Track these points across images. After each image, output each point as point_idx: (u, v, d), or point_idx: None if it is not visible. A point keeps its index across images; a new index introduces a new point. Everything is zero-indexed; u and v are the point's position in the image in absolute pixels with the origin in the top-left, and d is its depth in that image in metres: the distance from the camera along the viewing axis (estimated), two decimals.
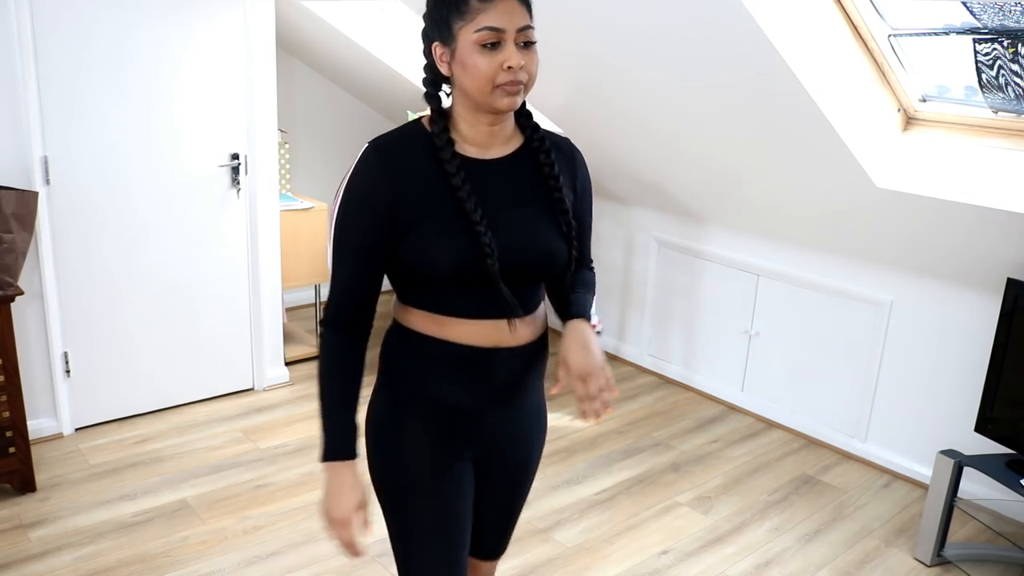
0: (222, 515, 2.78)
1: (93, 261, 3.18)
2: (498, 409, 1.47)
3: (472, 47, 1.28)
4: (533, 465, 1.61)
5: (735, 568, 2.64)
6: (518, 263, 1.37)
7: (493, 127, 1.38)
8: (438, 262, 1.32)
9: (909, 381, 3.19)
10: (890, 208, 2.89)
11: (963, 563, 2.67)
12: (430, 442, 1.44)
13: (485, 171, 1.38)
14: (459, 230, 1.32)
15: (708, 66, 2.73)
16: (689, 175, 3.54)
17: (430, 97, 1.38)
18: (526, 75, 1.31)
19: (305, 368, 4.00)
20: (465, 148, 1.38)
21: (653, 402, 3.86)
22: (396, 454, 1.46)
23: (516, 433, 1.53)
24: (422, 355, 1.41)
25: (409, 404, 1.45)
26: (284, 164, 4.05)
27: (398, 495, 1.47)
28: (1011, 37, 2.41)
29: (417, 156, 1.35)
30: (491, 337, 1.40)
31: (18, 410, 2.75)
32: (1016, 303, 2.58)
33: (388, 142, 1.37)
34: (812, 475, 3.24)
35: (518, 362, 1.45)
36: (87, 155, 3.08)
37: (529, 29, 1.31)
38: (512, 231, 1.36)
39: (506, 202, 1.38)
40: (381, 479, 1.48)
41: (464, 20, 1.28)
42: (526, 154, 1.43)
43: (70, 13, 2.93)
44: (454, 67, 1.32)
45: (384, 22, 3.78)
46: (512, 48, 1.29)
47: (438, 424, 1.44)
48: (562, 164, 1.46)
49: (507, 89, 1.30)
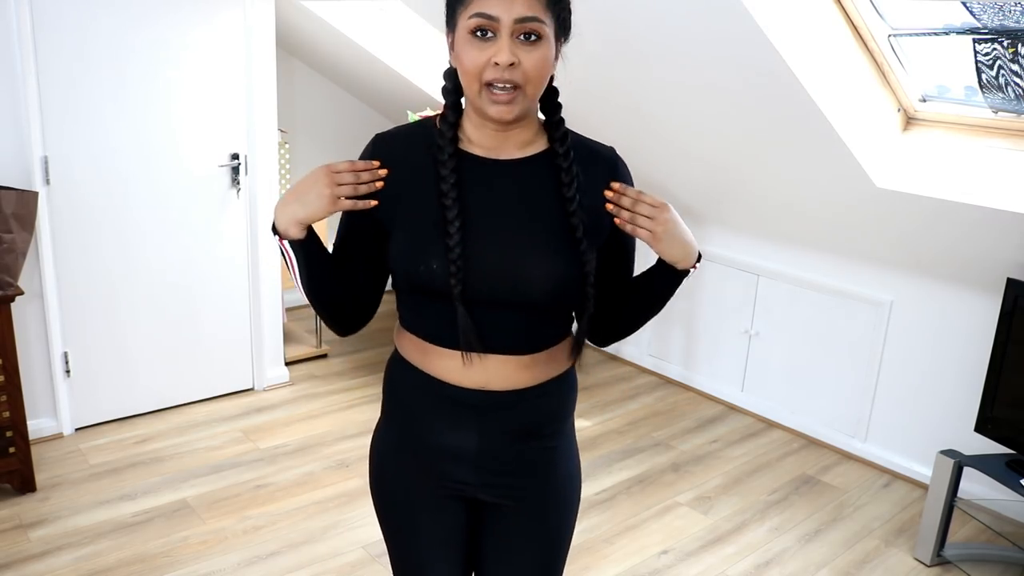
0: (222, 515, 2.78)
1: (93, 261, 3.18)
2: (496, 455, 1.30)
3: (465, 36, 1.14)
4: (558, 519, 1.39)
5: (735, 568, 2.64)
6: (492, 286, 1.20)
7: (503, 132, 1.22)
8: (408, 269, 1.21)
9: (909, 381, 3.19)
10: (890, 208, 2.89)
11: (963, 563, 2.66)
12: (421, 485, 1.35)
13: (492, 173, 1.23)
14: (436, 238, 1.18)
15: (708, 66, 2.73)
16: (689, 175, 3.54)
17: (445, 91, 1.25)
18: (521, 76, 1.13)
19: (305, 368, 4.00)
20: (471, 148, 1.24)
21: (653, 402, 3.86)
22: (390, 491, 1.39)
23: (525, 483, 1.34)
24: (414, 389, 1.31)
25: (405, 441, 1.35)
26: (284, 164, 4.05)
27: (389, 532, 1.43)
28: (1011, 37, 2.41)
29: (417, 152, 1.24)
30: (475, 376, 1.24)
31: (18, 410, 2.75)
32: (1016, 303, 2.58)
33: (392, 135, 1.29)
34: (812, 475, 3.24)
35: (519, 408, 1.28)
36: (87, 155, 3.08)
37: (534, 22, 1.12)
38: (497, 246, 1.20)
39: (505, 211, 1.22)
40: (378, 509, 1.44)
41: (463, 4, 1.14)
42: (546, 159, 1.25)
43: (70, 13, 2.93)
44: (453, 58, 1.19)
45: (384, 22, 3.78)
46: (505, 41, 1.11)
47: (429, 466, 1.33)
48: (596, 176, 1.26)
49: (495, 96, 1.14)
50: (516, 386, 1.27)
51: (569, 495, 1.41)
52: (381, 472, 1.41)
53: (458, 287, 1.18)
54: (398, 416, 1.36)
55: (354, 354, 4.19)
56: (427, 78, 3.99)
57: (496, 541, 1.39)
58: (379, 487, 1.42)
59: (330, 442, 3.32)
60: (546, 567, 1.42)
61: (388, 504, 1.41)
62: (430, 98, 4.03)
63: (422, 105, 4.07)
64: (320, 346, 4.17)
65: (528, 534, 1.38)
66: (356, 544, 2.66)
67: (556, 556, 1.42)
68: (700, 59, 2.71)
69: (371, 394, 3.76)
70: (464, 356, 1.23)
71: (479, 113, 1.20)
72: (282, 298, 3.82)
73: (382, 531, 1.45)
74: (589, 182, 1.25)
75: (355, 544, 2.66)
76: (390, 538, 1.43)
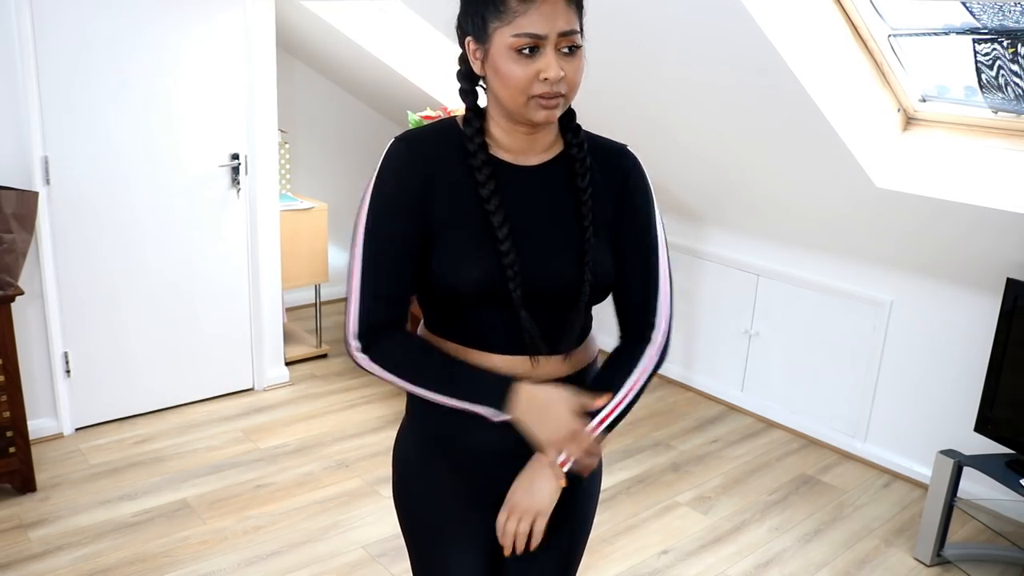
0: (222, 515, 2.79)
1: (93, 261, 3.18)
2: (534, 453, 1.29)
3: (507, 52, 1.14)
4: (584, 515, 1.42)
5: (735, 568, 2.64)
6: (547, 287, 1.23)
7: (533, 134, 1.24)
8: (460, 281, 1.20)
9: (909, 381, 3.19)
10: (890, 208, 2.89)
11: (963, 563, 2.67)
12: (450, 489, 1.33)
13: (519, 179, 1.24)
14: (485, 247, 1.19)
15: (708, 65, 2.73)
16: (689, 175, 3.54)
17: (465, 94, 1.25)
18: (565, 86, 1.16)
19: (305, 368, 4.00)
20: (499, 152, 1.24)
21: (653, 402, 3.86)
22: (416, 496, 1.37)
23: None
24: None
25: (434, 446, 1.33)
26: (284, 164, 4.05)
27: (413, 538, 1.41)
28: (1011, 37, 2.41)
29: (449, 157, 1.23)
30: (518, 373, 1.24)
31: (18, 410, 2.75)
32: (1016, 303, 2.58)
33: (418, 138, 1.24)
34: (812, 475, 3.24)
35: None
36: (87, 155, 3.08)
37: (574, 34, 1.15)
38: (540, 250, 1.22)
39: (537, 216, 1.24)
40: (401, 515, 1.41)
41: (501, 21, 1.14)
42: (564, 162, 1.28)
43: (70, 13, 2.93)
44: (487, 68, 1.18)
45: (384, 22, 3.78)
46: (551, 56, 1.14)
47: (463, 470, 1.32)
48: (610, 175, 1.30)
49: (543, 103, 1.16)
50: (555, 376, 1.28)
51: (594, 492, 1.44)
52: (405, 476, 1.38)
53: (517, 291, 1.19)
54: (426, 419, 1.33)
55: None
56: (427, 78, 3.99)
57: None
58: (403, 490, 1.39)
59: (330, 442, 3.32)
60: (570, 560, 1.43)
61: (413, 507, 1.38)
62: (430, 98, 4.03)
63: (422, 105, 4.07)
64: (320, 346, 4.17)
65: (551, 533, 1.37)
66: (356, 544, 2.66)
67: (579, 548, 1.45)
68: (699, 59, 2.71)
69: (371, 394, 3.76)
70: (532, 360, 1.25)
71: (515, 117, 1.21)
72: (282, 298, 3.82)
73: (404, 533, 1.42)
74: (607, 180, 1.29)
75: (355, 544, 2.66)
76: (413, 540, 1.41)
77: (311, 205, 3.98)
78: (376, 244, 1.20)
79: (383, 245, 1.20)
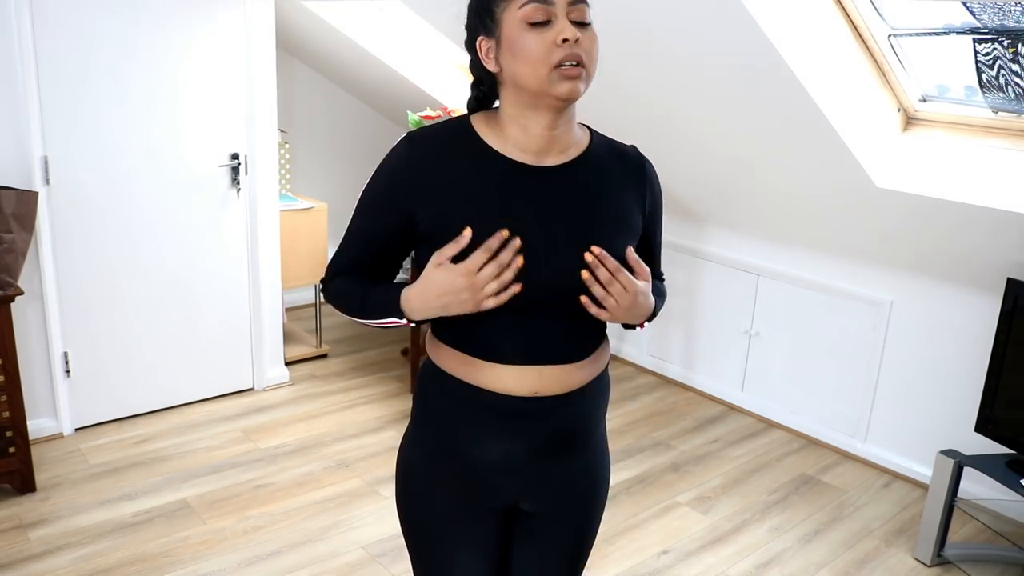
0: (222, 515, 2.78)
1: (93, 261, 3.18)
2: (544, 461, 1.30)
3: (519, 27, 1.14)
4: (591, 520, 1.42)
5: (735, 568, 2.64)
6: (559, 294, 1.20)
7: (553, 130, 1.21)
8: None
9: (909, 381, 3.19)
10: (890, 208, 2.89)
11: (963, 563, 2.67)
12: (457, 497, 1.33)
13: (535, 181, 1.22)
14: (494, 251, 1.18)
15: (707, 65, 2.72)
16: (689, 175, 3.54)
17: (479, 99, 1.27)
18: (584, 54, 1.15)
19: (305, 368, 4.00)
20: (516, 154, 1.22)
21: (653, 402, 3.86)
22: (421, 503, 1.36)
23: (567, 486, 1.35)
24: (453, 400, 1.28)
25: (440, 453, 1.33)
26: (284, 164, 4.05)
27: (417, 544, 1.40)
28: (1011, 37, 2.41)
29: (458, 158, 1.22)
30: (528, 383, 1.24)
31: (18, 410, 2.75)
32: (1016, 303, 2.58)
33: (428, 137, 1.24)
34: (812, 475, 3.24)
35: (567, 411, 1.28)
36: (87, 155, 3.08)
37: (582, 4, 1.16)
38: (549, 256, 1.19)
39: (552, 219, 1.21)
40: (405, 521, 1.41)
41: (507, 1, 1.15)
42: (582, 164, 1.26)
43: (70, 13, 2.93)
44: (502, 59, 1.18)
45: (384, 22, 3.78)
46: (564, 21, 1.14)
47: (469, 478, 1.31)
48: (627, 176, 1.30)
49: (565, 72, 1.14)
50: (566, 389, 1.27)
51: (602, 497, 1.43)
52: (411, 482, 1.38)
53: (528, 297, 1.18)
54: (433, 427, 1.33)
55: (354, 354, 4.19)
56: (427, 78, 4.00)
57: (530, 546, 1.40)
58: (407, 497, 1.39)
59: (330, 442, 3.32)
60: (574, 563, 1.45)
61: (417, 514, 1.38)
62: (430, 98, 4.04)
63: (422, 105, 4.07)
64: (320, 346, 4.17)
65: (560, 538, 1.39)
66: (356, 544, 2.66)
67: (584, 554, 1.46)
68: (698, 58, 2.71)
69: (371, 394, 3.76)
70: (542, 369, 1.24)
71: (539, 100, 1.18)
72: (282, 298, 3.82)
73: (407, 539, 1.42)
74: (629, 185, 1.30)
75: (355, 544, 2.66)
76: (417, 547, 1.40)
77: (311, 205, 3.98)
78: (355, 227, 1.31)
79: (356, 234, 1.31)
